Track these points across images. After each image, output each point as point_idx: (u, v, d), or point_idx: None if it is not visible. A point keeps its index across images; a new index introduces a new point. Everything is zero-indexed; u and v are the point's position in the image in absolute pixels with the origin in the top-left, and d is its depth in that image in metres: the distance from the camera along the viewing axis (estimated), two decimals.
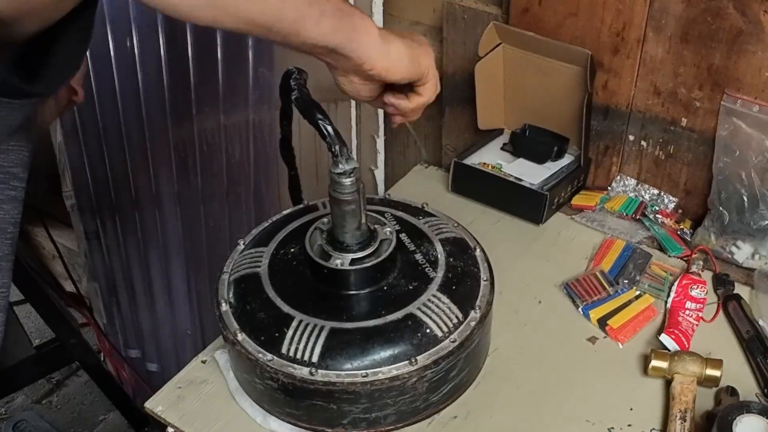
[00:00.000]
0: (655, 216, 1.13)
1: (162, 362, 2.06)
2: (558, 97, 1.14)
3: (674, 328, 0.96)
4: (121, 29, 1.56)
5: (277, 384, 0.81)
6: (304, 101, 0.79)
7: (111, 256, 1.96)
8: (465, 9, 1.18)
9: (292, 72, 0.82)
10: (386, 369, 0.79)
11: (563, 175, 1.17)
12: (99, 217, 1.91)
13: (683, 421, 0.85)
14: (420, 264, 0.88)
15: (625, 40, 1.07)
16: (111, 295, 2.06)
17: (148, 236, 1.83)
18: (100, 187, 1.84)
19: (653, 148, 1.13)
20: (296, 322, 0.81)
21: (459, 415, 0.89)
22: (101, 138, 1.75)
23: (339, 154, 0.77)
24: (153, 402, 0.92)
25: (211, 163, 1.60)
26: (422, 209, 0.98)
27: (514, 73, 1.17)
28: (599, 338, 0.98)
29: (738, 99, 1.01)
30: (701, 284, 1.02)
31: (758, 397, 0.90)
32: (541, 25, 1.12)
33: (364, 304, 0.84)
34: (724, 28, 0.98)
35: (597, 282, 1.04)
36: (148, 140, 1.66)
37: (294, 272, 0.88)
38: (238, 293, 0.87)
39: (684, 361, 0.90)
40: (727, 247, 1.07)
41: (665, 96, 1.08)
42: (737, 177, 1.04)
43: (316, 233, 0.88)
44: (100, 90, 1.68)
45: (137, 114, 1.64)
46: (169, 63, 1.53)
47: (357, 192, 0.80)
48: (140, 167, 1.72)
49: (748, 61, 0.99)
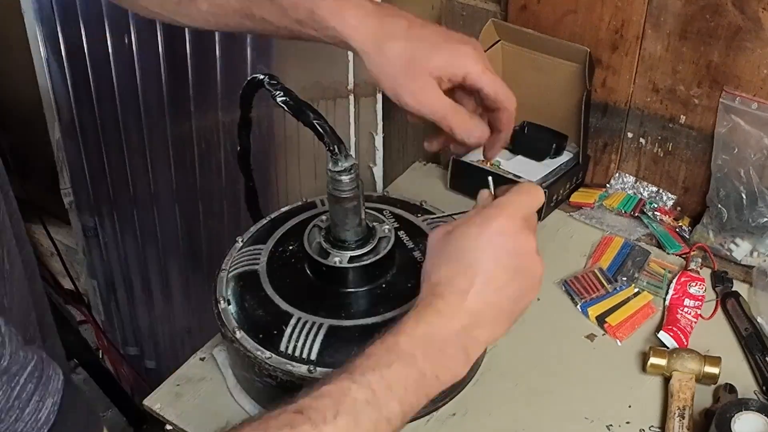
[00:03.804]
0: (653, 213, 1.13)
1: (160, 359, 2.06)
2: (556, 94, 1.14)
3: (673, 326, 0.96)
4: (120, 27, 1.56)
5: (276, 381, 0.81)
6: (294, 103, 0.78)
7: (109, 253, 1.96)
8: (463, 6, 1.18)
9: (261, 78, 0.80)
10: None
11: (562, 173, 1.17)
12: (97, 214, 1.91)
13: (682, 419, 0.85)
14: (419, 262, 0.88)
15: (624, 37, 1.06)
16: (109, 293, 2.06)
17: (146, 233, 1.83)
18: (99, 184, 1.84)
19: (652, 145, 1.13)
20: (294, 319, 0.81)
21: (457, 412, 0.89)
22: (99, 135, 1.75)
23: (337, 152, 0.77)
24: (151, 399, 0.91)
25: (210, 160, 1.60)
26: (421, 206, 0.98)
27: (513, 70, 1.17)
28: (598, 335, 0.98)
29: (737, 96, 1.01)
30: (700, 281, 1.02)
31: (757, 395, 0.90)
32: (540, 22, 1.12)
33: (362, 302, 0.84)
34: (723, 25, 0.98)
35: (595, 279, 1.04)
36: (146, 138, 1.66)
37: (292, 270, 0.88)
38: (236, 291, 0.87)
39: (682, 359, 0.90)
40: (725, 245, 1.07)
41: (664, 93, 1.08)
42: (736, 174, 1.04)
43: (314, 231, 0.88)
44: (98, 87, 1.68)
45: (135, 111, 1.64)
46: (167, 60, 1.53)
47: (355, 189, 0.80)
48: (138, 164, 1.72)
49: (747, 58, 0.99)
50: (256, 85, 0.82)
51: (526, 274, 0.67)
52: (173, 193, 1.71)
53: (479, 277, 0.64)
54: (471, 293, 0.64)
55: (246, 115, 0.89)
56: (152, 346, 2.06)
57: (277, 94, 0.78)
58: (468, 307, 0.63)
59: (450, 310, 0.63)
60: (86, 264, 2.05)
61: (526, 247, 0.66)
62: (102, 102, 1.69)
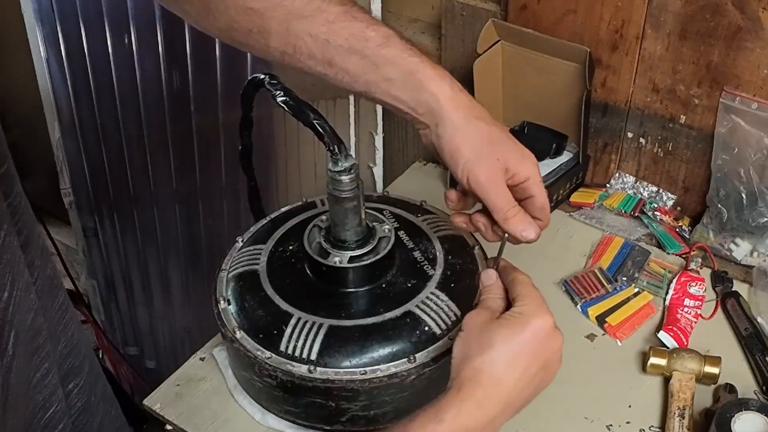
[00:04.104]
0: (653, 213, 1.13)
1: (160, 359, 2.06)
2: (556, 94, 1.14)
3: (673, 326, 0.96)
4: (120, 27, 1.56)
5: (276, 381, 0.81)
6: (295, 103, 0.78)
7: (109, 253, 1.96)
8: (463, 6, 1.18)
9: (261, 78, 0.80)
10: (385, 366, 0.79)
11: (562, 173, 1.16)
12: (97, 214, 1.91)
13: (682, 419, 0.85)
14: (418, 262, 0.88)
15: (624, 37, 1.06)
16: (109, 293, 2.06)
17: (146, 233, 1.83)
18: (99, 184, 1.84)
19: (652, 145, 1.13)
20: (294, 319, 0.81)
21: None
22: (99, 135, 1.75)
23: (337, 152, 0.77)
24: (151, 399, 0.92)
25: (210, 160, 1.60)
26: (421, 206, 0.98)
27: (513, 70, 1.17)
28: (598, 335, 0.98)
29: (737, 96, 1.01)
30: (700, 281, 1.02)
31: (757, 395, 0.90)
32: (540, 21, 1.12)
33: (362, 302, 0.84)
34: (723, 25, 0.98)
35: (595, 279, 1.04)
36: (146, 137, 1.66)
37: (292, 270, 0.88)
38: (236, 291, 0.87)
39: (682, 359, 0.90)
40: (725, 245, 1.07)
41: (664, 93, 1.08)
42: (736, 174, 1.04)
43: (314, 230, 0.88)
44: (98, 87, 1.68)
45: (135, 111, 1.64)
46: (167, 60, 1.53)
47: (355, 189, 0.80)
48: (138, 164, 1.72)
49: (747, 58, 0.99)
50: (256, 84, 0.82)
51: (551, 368, 0.72)
52: (173, 193, 1.71)
53: (518, 369, 0.69)
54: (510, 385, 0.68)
55: (247, 114, 0.89)
56: (152, 346, 2.06)
57: (277, 93, 0.78)
58: (504, 397, 0.68)
59: (488, 402, 0.67)
60: (86, 264, 2.05)
61: (556, 345, 0.72)
62: (102, 102, 1.69)
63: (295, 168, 1.48)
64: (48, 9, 1.64)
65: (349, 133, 1.35)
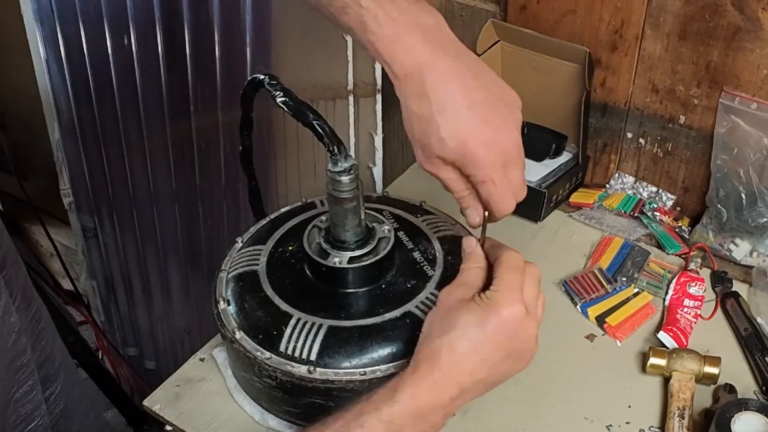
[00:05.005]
0: (653, 213, 1.13)
1: (160, 360, 2.06)
2: (556, 94, 1.14)
3: (672, 326, 0.96)
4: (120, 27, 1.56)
5: (275, 382, 0.81)
6: (294, 104, 0.78)
7: (109, 254, 1.96)
8: (463, 6, 1.18)
9: (261, 78, 0.80)
10: (384, 367, 0.79)
11: (561, 173, 1.17)
12: (97, 215, 1.91)
13: (681, 419, 0.85)
14: (418, 262, 0.88)
15: (623, 37, 1.06)
16: (109, 293, 2.06)
17: (146, 234, 1.83)
18: (98, 185, 1.84)
19: (651, 145, 1.13)
20: (294, 320, 0.81)
21: (458, 412, 0.88)
22: (99, 136, 1.75)
23: (337, 153, 0.77)
24: (151, 400, 0.91)
25: (209, 160, 1.60)
26: (420, 207, 0.98)
27: (512, 70, 1.17)
28: (597, 336, 0.98)
29: (736, 96, 1.01)
30: (699, 282, 1.02)
31: (756, 395, 0.90)
32: (539, 22, 1.12)
33: (362, 303, 0.84)
34: (722, 26, 0.98)
35: (595, 279, 1.04)
36: (146, 138, 1.66)
37: (292, 270, 0.88)
38: (236, 291, 0.87)
39: (682, 359, 0.90)
40: (725, 245, 1.07)
41: (663, 93, 1.08)
42: (735, 174, 1.04)
43: (314, 231, 0.88)
44: (97, 88, 1.68)
45: (135, 112, 1.64)
46: (166, 60, 1.53)
47: (355, 190, 0.80)
48: (138, 165, 1.72)
49: (746, 59, 0.99)
50: (256, 85, 0.82)
51: (520, 355, 0.72)
52: (173, 193, 1.71)
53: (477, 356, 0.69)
54: (467, 370, 0.69)
55: (247, 114, 0.89)
56: (152, 346, 2.06)
57: (277, 94, 0.78)
58: (461, 381, 0.69)
59: (444, 382, 0.68)
60: (86, 264, 2.05)
61: (525, 335, 0.71)
62: (101, 102, 1.69)
63: (295, 168, 1.48)
64: (48, 9, 1.64)
65: (349, 134, 1.35)
